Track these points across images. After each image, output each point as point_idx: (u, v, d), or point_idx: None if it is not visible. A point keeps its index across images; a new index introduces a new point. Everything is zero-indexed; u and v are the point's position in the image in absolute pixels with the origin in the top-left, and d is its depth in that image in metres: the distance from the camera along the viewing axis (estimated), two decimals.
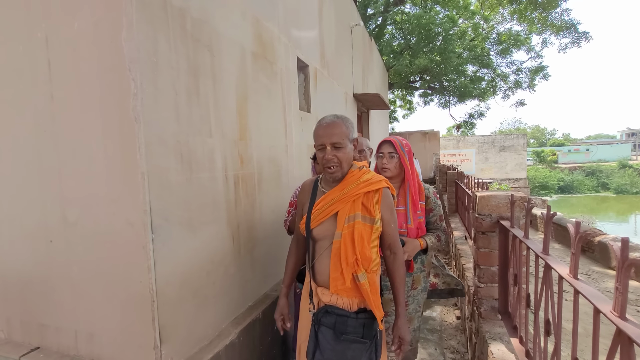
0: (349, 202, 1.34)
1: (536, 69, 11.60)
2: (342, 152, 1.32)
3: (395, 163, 1.75)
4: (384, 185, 1.37)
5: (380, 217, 1.34)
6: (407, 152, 1.76)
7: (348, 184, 1.36)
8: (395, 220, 1.42)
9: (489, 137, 22.96)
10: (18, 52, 1.57)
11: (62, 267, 1.61)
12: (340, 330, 1.29)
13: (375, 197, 1.35)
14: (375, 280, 1.35)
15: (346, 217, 1.33)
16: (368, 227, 1.33)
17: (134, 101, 1.37)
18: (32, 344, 1.74)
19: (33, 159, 1.61)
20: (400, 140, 1.78)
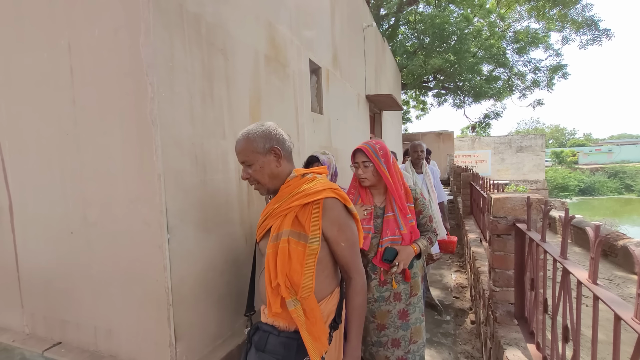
0: (281, 216, 1.17)
1: (555, 67, 11.25)
2: (253, 169, 1.20)
3: (371, 171, 1.66)
4: (325, 195, 1.14)
5: (318, 235, 1.12)
6: (382, 156, 1.65)
7: (282, 196, 1.21)
8: (348, 238, 1.17)
9: (505, 138, 22.44)
10: (43, 58, 1.64)
11: (83, 265, 1.67)
12: (259, 346, 1.15)
13: (314, 210, 1.13)
14: (314, 307, 1.12)
15: (273, 235, 1.16)
16: (301, 245, 1.12)
17: (151, 105, 1.41)
18: (54, 339, 1.81)
19: (56, 161, 1.67)
20: (373, 146, 1.67)
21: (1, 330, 1.98)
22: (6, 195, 1.88)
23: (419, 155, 3.35)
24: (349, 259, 1.19)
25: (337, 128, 3.75)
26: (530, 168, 21.83)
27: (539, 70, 11.54)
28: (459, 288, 3.74)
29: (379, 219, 1.69)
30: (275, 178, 1.23)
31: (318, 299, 1.15)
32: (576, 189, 27.48)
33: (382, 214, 1.69)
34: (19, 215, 1.86)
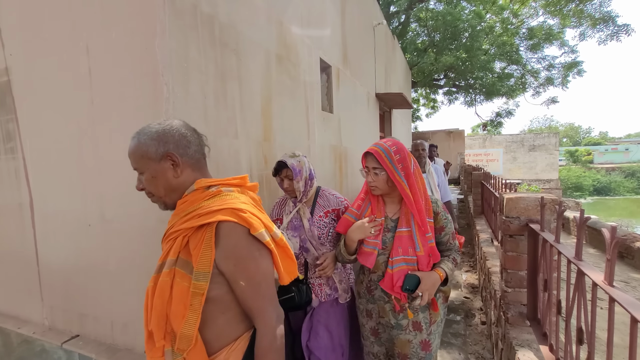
0: (171, 240, 0.93)
1: (570, 64, 10.97)
2: (145, 178, 0.96)
3: (383, 179, 1.41)
4: (220, 218, 0.87)
5: (208, 269, 0.86)
6: (397, 161, 1.38)
7: (176, 215, 0.97)
8: (250, 277, 0.89)
9: (517, 136, 22.05)
10: (63, 60, 1.69)
11: (100, 260, 1.72)
12: None
13: (206, 236, 0.87)
14: None
15: (158, 264, 0.93)
16: (187, 280, 0.87)
17: (167, 105, 1.44)
18: (72, 332, 1.87)
19: (75, 160, 1.73)
20: (387, 149, 1.39)
21: (22, 322, 2.06)
22: (27, 192, 1.95)
23: (421, 154, 3.28)
24: (250, 303, 0.90)
25: (347, 127, 3.75)
26: (543, 167, 21.42)
27: (553, 68, 11.28)
28: (469, 288, 3.71)
29: (389, 233, 1.46)
30: (173, 191, 0.97)
31: (215, 348, 0.90)
32: (591, 189, 26.85)
33: (394, 227, 1.46)
34: (39, 212, 1.92)
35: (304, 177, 1.63)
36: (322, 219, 1.67)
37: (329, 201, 1.72)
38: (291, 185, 1.64)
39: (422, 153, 3.30)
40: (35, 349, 1.92)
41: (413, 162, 1.44)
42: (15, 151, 1.98)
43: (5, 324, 2.08)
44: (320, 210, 1.69)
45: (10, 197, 2.04)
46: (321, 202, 1.71)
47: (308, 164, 1.69)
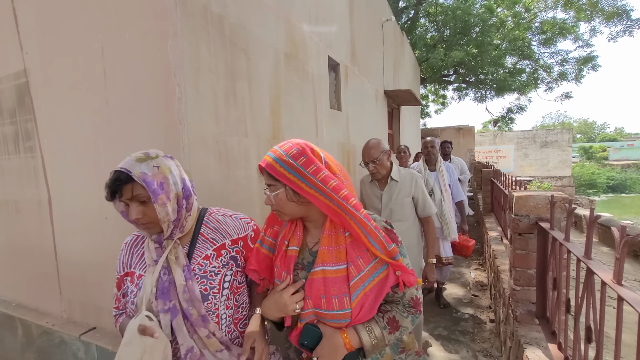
0: None
1: (584, 59, 10.68)
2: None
3: (283, 198, 0.93)
4: None
5: None
6: (301, 167, 0.90)
7: None
8: None
9: (529, 133, 21.64)
10: (78, 61, 1.74)
11: (116, 255, 1.77)
12: None
13: None
14: None
15: None
16: None
17: (179, 105, 1.47)
18: (89, 324, 1.94)
19: (91, 159, 1.78)
20: (281, 156, 0.92)
21: (42, 314, 2.14)
22: (46, 190, 2.02)
23: (430, 151, 3.24)
24: None
25: (355, 124, 3.75)
26: (555, 164, 20.99)
27: (566, 62, 11.01)
28: (478, 286, 3.70)
29: (302, 272, 0.98)
30: None
31: None
32: (605, 186, 26.22)
33: (311, 263, 0.97)
34: (57, 209, 1.99)
35: (173, 196, 0.98)
36: (209, 263, 1.02)
37: (225, 228, 1.08)
38: (148, 214, 0.97)
39: (431, 150, 3.24)
40: (55, 340, 1.99)
41: (333, 164, 0.98)
42: (34, 150, 2.05)
43: (26, 316, 2.16)
44: (206, 247, 1.04)
45: (30, 195, 2.11)
46: (208, 234, 1.07)
47: (178, 170, 1.04)
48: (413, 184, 2.22)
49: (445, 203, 3.07)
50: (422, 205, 2.22)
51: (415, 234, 2.25)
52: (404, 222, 2.20)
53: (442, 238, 3.07)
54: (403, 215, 2.20)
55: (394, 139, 6.64)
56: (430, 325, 2.89)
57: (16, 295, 2.35)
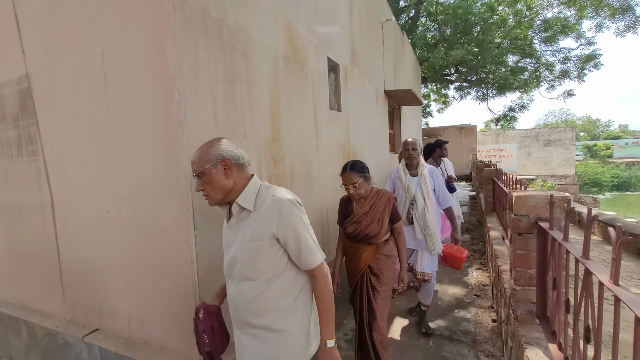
0: None
1: (587, 57, 10.60)
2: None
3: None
4: None
5: None
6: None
7: None
8: None
9: (532, 131, 21.53)
10: (79, 65, 1.76)
11: (117, 258, 1.79)
12: None
13: None
14: None
15: None
16: None
17: (178, 108, 1.49)
18: (92, 326, 1.96)
19: (92, 162, 1.80)
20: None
21: (46, 316, 2.16)
22: (48, 192, 2.04)
23: (411, 154, 2.79)
24: None
25: (355, 125, 3.76)
26: (559, 162, 20.86)
27: (569, 60, 10.93)
28: (480, 286, 3.68)
29: None
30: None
31: None
32: (610, 184, 26.02)
33: None
34: (60, 212, 2.01)
35: None
36: None
37: None
38: None
39: (412, 153, 2.79)
40: (58, 341, 2.01)
41: None
42: (37, 154, 2.07)
43: (30, 317, 2.19)
44: None
45: (33, 198, 2.14)
46: None
47: None
48: None
49: (429, 212, 2.72)
50: None
51: None
52: None
53: (424, 251, 2.74)
54: None
55: (395, 139, 6.63)
56: (432, 325, 2.88)
57: (20, 297, 2.38)
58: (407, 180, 2.80)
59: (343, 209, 2.11)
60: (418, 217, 2.74)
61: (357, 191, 1.95)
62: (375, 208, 2.02)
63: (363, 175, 1.96)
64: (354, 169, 1.95)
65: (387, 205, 2.04)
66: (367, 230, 2.01)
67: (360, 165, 2.00)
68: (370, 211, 2.02)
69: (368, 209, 2.02)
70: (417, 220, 2.75)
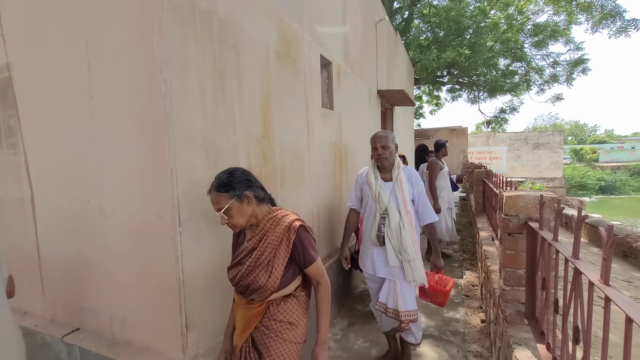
0: None
1: (575, 61, 10.83)
2: None
3: None
4: None
5: None
6: None
7: None
8: None
9: (521, 134, 21.93)
10: (62, 56, 1.69)
11: (100, 255, 1.73)
12: None
13: None
14: None
15: None
16: None
17: (164, 101, 1.44)
18: (73, 325, 1.89)
19: (75, 156, 1.73)
20: None
21: (25, 315, 2.08)
22: (28, 187, 1.97)
23: (380, 154, 2.17)
24: None
25: (347, 123, 3.74)
26: (547, 165, 21.28)
27: (558, 65, 11.14)
28: (469, 286, 3.71)
29: None
30: None
31: None
32: (596, 188, 26.63)
33: None
34: (40, 207, 1.94)
35: None
36: None
37: None
38: None
39: (381, 153, 2.17)
40: (37, 342, 1.94)
41: None
42: (17, 147, 1.99)
43: None
44: None
45: (12, 193, 2.05)
46: None
47: None
48: None
49: (406, 230, 2.08)
50: None
51: None
52: None
53: (401, 282, 2.16)
54: None
55: None
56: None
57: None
58: (378, 187, 2.17)
59: (234, 239, 1.46)
60: (391, 236, 2.10)
61: (231, 221, 1.26)
62: (265, 243, 1.28)
63: (236, 195, 1.24)
64: (220, 188, 1.25)
65: (285, 241, 1.28)
66: (249, 278, 1.28)
67: (228, 179, 1.27)
68: (257, 248, 1.29)
69: (255, 243, 1.30)
70: (391, 241, 2.10)
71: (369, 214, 2.28)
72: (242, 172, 1.33)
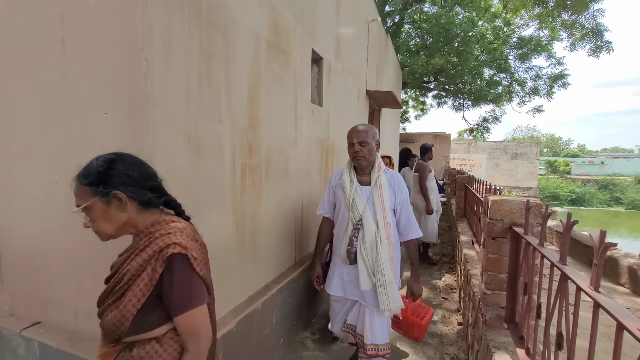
0: None
1: (556, 76, 11.28)
2: None
3: None
4: None
5: None
6: None
7: None
8: None
9: (501, 144, 22.66)
10: (34, 27, 1.56)
11: (66, 242, 1.61)
12: None
13: None
14: None
15: None
16: None
17: (145, 81, 1.34)
18: (34, 318, 1.75)
19: (44, 137, 1.60)
20: None
21: None
22: None
23: (357, 151, 1.85)
24: None
25: (335, 121, 3.70)
26: (523, 175, 22.08)
27: (539, 78, 11.56)
28: (447, 289, 3.75)
29: None
30: None
31: None
32: (567, 199, 27.87)
33: None
34: (3, 191, 1.78)
35: None
36: None
37: None
38: None
39: (358, 151, 1.87)
40: None
41: None
42: None
43: None
44: None
45: None
46: None
47: None
48: None
49: (384, 246, 1.76)
50: None
51: None
52: None
53: (373, 309, 1.82)
54: None
55: None
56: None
57: None
58: (353, 191, 1.83)
59: None
60: (365, 252, 1.75)
61: (94, 226, 0.97)
62: (127, 267, 0.96)
63: (101, 193, 0.93)
64: (83, 178, 0.94)
65: (150, 270, 0.91)
66: (100, 308, 0.99)
67: (100, 169, 0.94)
68: (119, 271, 0.98)
69: (119, 264, 1.00)
70: (364, 258, 1.75)
71: (340, 223, 1.93)
72: (128, 164, 0.97)
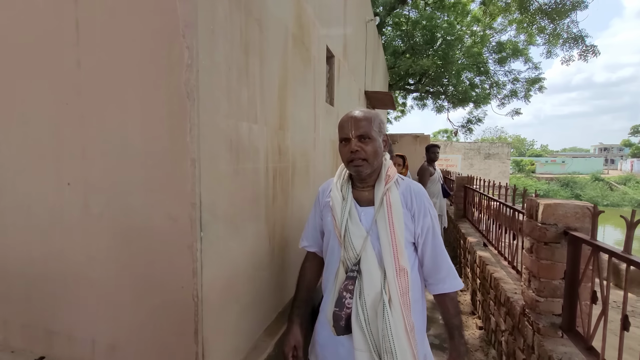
0: None
1: (533, 80, 11.83)
2: None
3: None
4: None
5: None
6: None
7: None
8: None
9: (474, 144, 23.53)
10: (41, 8, 1.31)
11: (80, 265, 1.36)
12: None
13: None
14: None
15: None
16: None
17: (187, 74, 1.15)
18: (35, 353, 1.48)
19: (50, 137, 1.35)
20: None
21: None
22: None
23: (355, 150, 1.17)
24: None
25: None
26: (496, 174, 23.03)
27: (518, 81, 12.08)
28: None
29: None
30: None
31: None
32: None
33: None
34: None
35: None
36: None
37: None
38: None
39: (358, 151, 1.16)
40: None
41: None
42: None
43: None
44: None
45: None
46: None
47: None
48: None
49: (396, 311, 1.10)
50: None
51: None
52: None
53: None
54: None
55: None
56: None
57: None
58: (346, 216, 1.20)
59: None
60: (364, 318, 1.10)
61: None
62: None
63: None
64: None
65: None
66: None
67: None
68: None
69: None
70: (363, 328, 1.10)
71: (328, 264, 1.29)
72: None
